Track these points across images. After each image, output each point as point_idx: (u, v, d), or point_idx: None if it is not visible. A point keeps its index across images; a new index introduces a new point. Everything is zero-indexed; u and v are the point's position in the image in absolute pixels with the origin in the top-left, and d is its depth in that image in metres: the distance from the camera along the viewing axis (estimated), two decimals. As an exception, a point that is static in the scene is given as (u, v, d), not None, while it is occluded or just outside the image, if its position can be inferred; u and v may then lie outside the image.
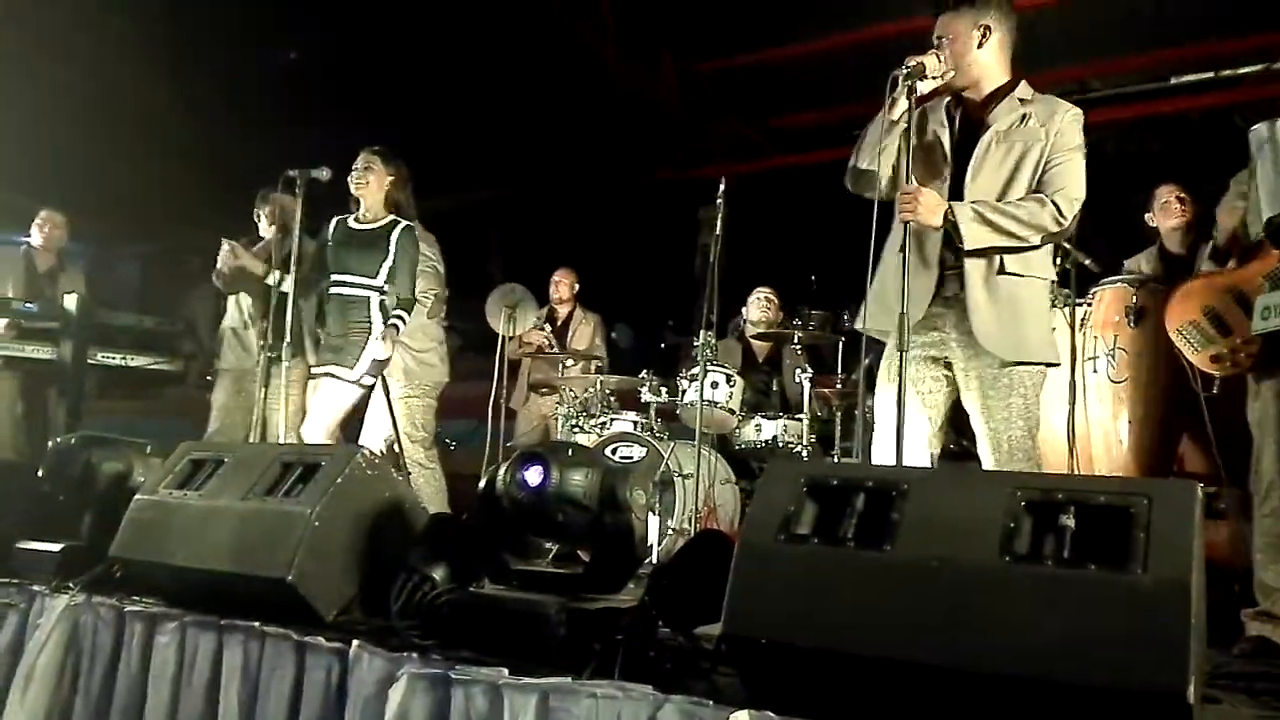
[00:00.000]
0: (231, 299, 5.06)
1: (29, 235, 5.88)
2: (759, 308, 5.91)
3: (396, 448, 4.56)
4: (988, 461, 2.80)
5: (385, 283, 4.27)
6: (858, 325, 3.01)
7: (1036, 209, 2.73)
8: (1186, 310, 3.13)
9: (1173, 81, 7.42)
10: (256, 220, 5.01)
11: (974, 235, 2.73)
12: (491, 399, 5.60)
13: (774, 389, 5.75)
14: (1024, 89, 2.88)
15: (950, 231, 2.75)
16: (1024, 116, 2.83)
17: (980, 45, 2.84)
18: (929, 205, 2.71)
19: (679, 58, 8.34)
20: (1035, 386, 2.79)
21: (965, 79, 2.86)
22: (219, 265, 4.80)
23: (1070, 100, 2.91)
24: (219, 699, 2.23)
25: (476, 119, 8.56)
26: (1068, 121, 2.82)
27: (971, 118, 2.90)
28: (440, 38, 7.83)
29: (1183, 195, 4.40)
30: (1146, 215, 4.59)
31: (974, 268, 2.78)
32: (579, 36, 7.72)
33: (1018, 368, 2.76)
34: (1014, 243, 2.75)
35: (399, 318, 4.31)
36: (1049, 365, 2.86)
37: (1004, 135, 2.82)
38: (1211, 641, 1.78)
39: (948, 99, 2.93)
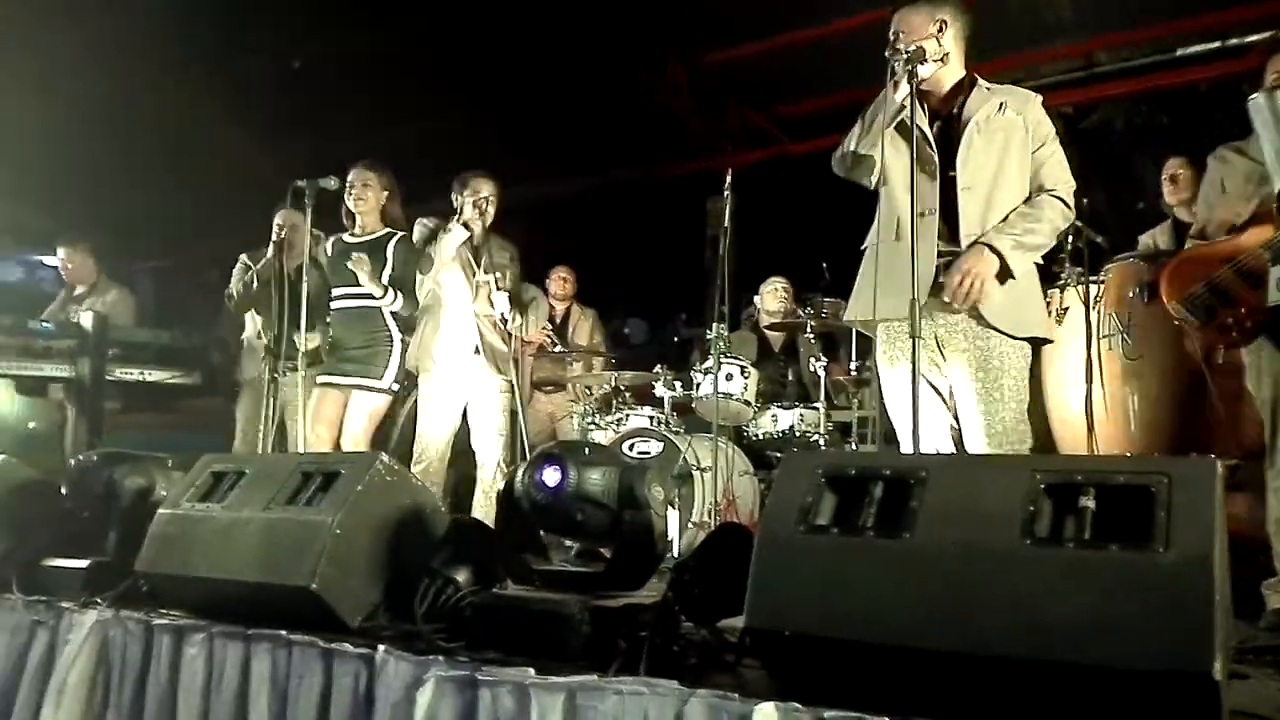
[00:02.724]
0: (251, 310, 5.09)
1: (48, 255, 5.95)
2: (774, 298, 5.90)
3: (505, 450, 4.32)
4: (979, 445, 2.82)
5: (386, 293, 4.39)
6: (847, 318, 3.04)
7: (1052, 213, 2.83)
8: (1186, 283, 3.09)
9: (1179, 53, 7.37)
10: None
11: (1019, 263, 2.80)
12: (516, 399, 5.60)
13: (789, 379, 5.74)
14: (982, 80, 2.94)
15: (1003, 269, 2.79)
16: (1000, 105, 2.88)
17: (938, 38, 2.88)
18: (982, 265, 2.75)
19: (685, 48, 8.32)
20: (1023, 369, 2.85)
21: (923, 71, 2.86)
22: (230, 288, 4.89)
23: (1078, 76, 2.97)
24: (249, 708, 2.24)
25: (485, 118, 8.56)
26: (1040, 111, 2.91)
27: (939, 111, 2.94)
28: (446, 40, 7.84)
29: (1176, 173, 4.38)
30: (1163, 184, 4.56)
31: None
32: (586, 32, 7.71)
33: (1008, 347, 2.81)
34: (1042, 251, 2.86)
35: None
36: (1045, 342, 2.96)
37: (985, 125, 2.87)
38: (1237, 615, 1.77)
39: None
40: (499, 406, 4.45)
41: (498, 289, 4.32)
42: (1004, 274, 2.79)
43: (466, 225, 4.31)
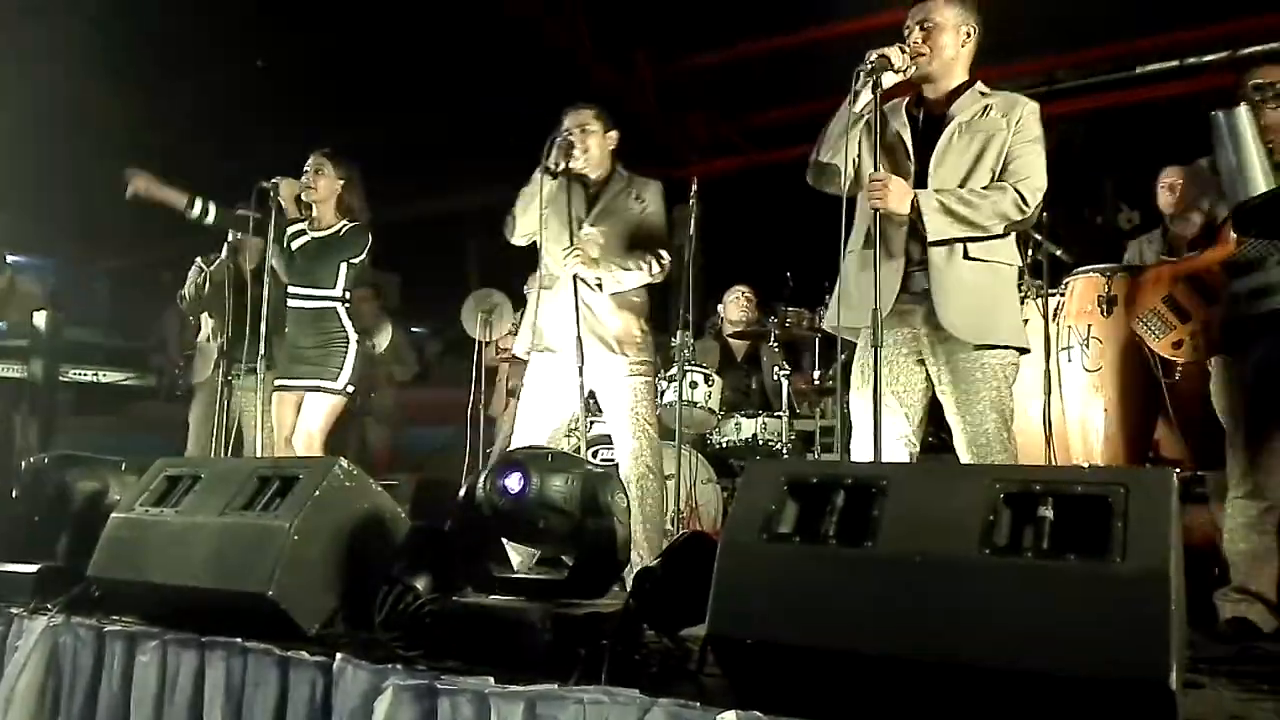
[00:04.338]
0: (205, 313, 5.03)
1: None
2: (737, 307, 5.92)
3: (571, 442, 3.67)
4: (964, 455, 2.82)
5: (346, 290, 4.27)
6: (826, 325, 3.04)
7: (999, 197, 2.78)
8: (1147, 299, 3.18)
9: (1138, 71, 7.50)
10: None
11: (937, 226, 2.76)
12: (470, 406, 5.58)
13: (753, 387, 5.76)
14: (981, 85, 2.95)
15: (915, 221, 2.79)
16: (986, 108, 2.89)
17: (963, 45, 2.92)
18: (898, 193, 2.75)
19: (653, 56, 8.34)
20: (1007, 377, 2.82)
21: (937, 67, 2.89)
22: (183, 289, 4.83)
23: (1039, 91, 2.97)
24: (203, 717, 2.21)
25: (451, 124, 8.53)
26: (1028, 114, 2.88)
27: (933, 113, 2.96)
28: (413, 42, 7.80)
29: (1175, 181, 4.43)
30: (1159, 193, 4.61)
31: (937, 256, 2.81)
32: (551, 38, 7.71)
33: (989, 358, 2.79)
34: (976, 232, 2.79)
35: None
36: (1020, 351, 2.89)
37: (966, 125, 2.88)
38: (1192, 625, 1.79)
39: (907, 99, 2.97)
40: (630, 392, 3.77)
41: (571, 246, 3.65)
42: (920, 222, 2.76)
43: (550, 171, 3.66)
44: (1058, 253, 4.23)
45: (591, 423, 5.19)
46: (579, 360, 3.51)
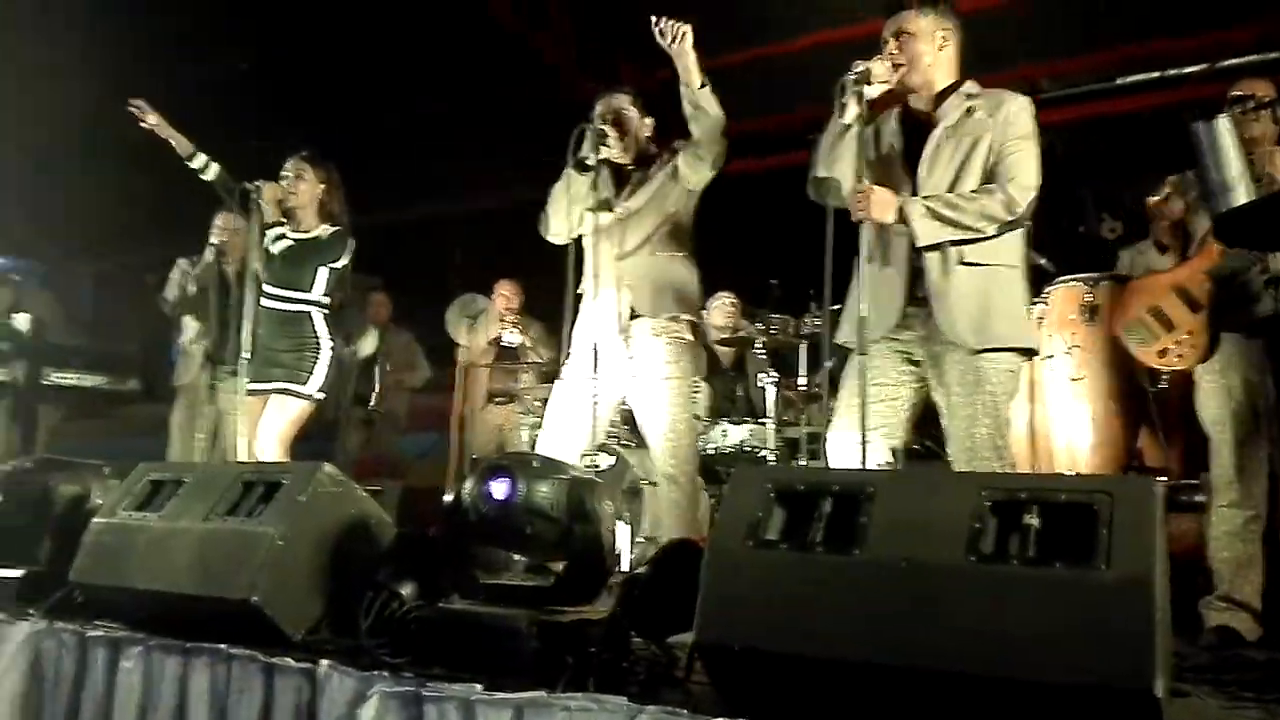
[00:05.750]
0: (189, 315, 5.00)
1: None
2: (723, 313, 5.93)
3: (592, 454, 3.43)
4: (956, 461, 2.80)
5: (324, 295, 4.22)
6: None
7: (987, 199, 2.74)
8: (1132, 308, 3.22)
9: (1119, 81, 7.55)
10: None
11: (926, 230, 2.75)
12: (455, 411, 5.57)
13: (739, 394, 5.76)
14: (971, 86, 2.90)
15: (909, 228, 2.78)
16: (970, 110, 2.86)
17: (940, 49, 2.89)
18: (881, 202, 2.75)
19: (637, 67, 8.34)
20: (1004, 385, 2.76)
21: (918, 78, 2.88)
22: (165, 292, 4.80)
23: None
24: (186, 724, 2.19)
25: (436, 132, 8.52)
26: (1016, 110, 2.83)
27: (922, 121, 2.93)
28: (399, 49, 7.79)
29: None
30: (1149, 199, 4.61)
31: (932, 261, 2.78)
32: (537, 49, 7.71)
33: (985, 364, 2.74)
34: (967, 234, 2.75)
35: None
36: (1025, 353, 2.84)
37: (952, 130, 2.85)
38: (1176, 633, 1.80)
39: (898, 109, 2.97)
40: (666, 396, 3.48)
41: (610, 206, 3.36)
42: (910, 229, 2.76)
43: (581, 165, 3.44)
44: (1041, 261, 4.24)
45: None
46: (593, 369, 3.31)
